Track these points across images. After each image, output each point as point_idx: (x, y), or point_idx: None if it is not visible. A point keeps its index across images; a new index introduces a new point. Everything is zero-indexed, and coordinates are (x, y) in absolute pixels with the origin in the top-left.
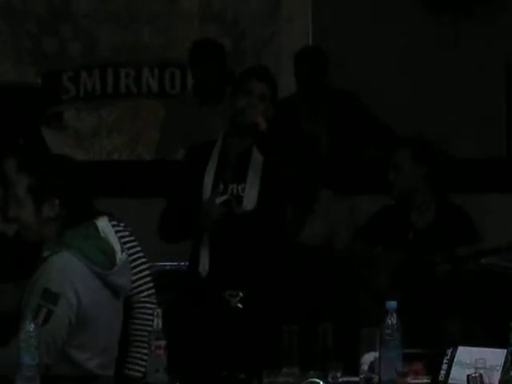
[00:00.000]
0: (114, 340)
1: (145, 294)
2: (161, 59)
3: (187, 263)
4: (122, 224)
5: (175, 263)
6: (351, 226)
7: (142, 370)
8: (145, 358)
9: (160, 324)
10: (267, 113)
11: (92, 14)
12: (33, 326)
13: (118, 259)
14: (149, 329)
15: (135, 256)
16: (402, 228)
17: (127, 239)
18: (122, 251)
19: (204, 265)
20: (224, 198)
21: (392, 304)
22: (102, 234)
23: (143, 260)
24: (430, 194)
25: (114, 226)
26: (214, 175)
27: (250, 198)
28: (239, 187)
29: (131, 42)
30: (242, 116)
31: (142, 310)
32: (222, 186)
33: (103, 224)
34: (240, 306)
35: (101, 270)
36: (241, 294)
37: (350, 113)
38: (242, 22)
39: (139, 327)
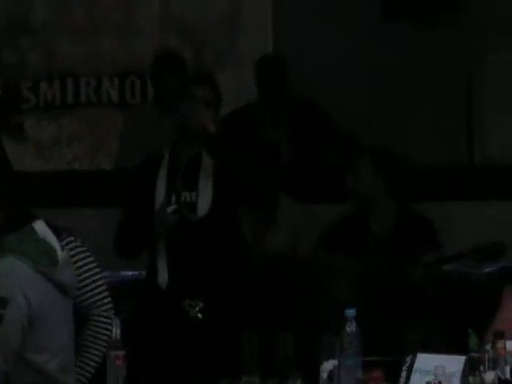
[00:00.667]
0: (69, 340)
1: (102, 308)
2: (121, 69)
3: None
4: (79, 239)
5: (136, 272)
6: (313, 234)
7: (87, 377)
8: (90, 370)
9: (118, 334)
10: (213, 118)
11: (52, 25)
12: None
13: (59, 257)
14: (100, 342)
15: (92, 272)
16: (362, 236)
17: (83, 255)
18: (62, 249)
19: (163, 276)
20: (174, 207)
21: (351, 312)
22: (40, 235)
23: (99, 276)
24: (390, 202)
25: (71, 242)
26: (165, 185)
27: (204, 204)
28: (192, 195)
29: (91, 52)
30: (189, 122)
31: (96, 323)
32: (174, 197)
33: (40, 226)
34: (200, 316)
35: (46, 270)
36: (200, 304)
37: (311, 120)
38: (201, 31)
39: (91, 338)
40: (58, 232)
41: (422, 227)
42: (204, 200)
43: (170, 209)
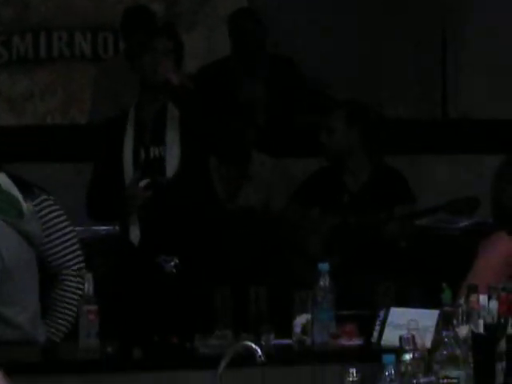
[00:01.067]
0: (36, 294)
1: (74, 267)
2: (93, 23)
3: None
4: (51, 197)
5: (110, 227)
6: (286, 190)
7: (60, 335)
8: (61, 328)
9: (91, 289)
10: (174, 67)
11: None
12: None
13: (24, 208)
14: (72, 301)
15: (65, 230)
16: (336, 190)
17: (56, 213)
18: (25, 201)
19: (135, 234)
20: (147, 181)
21: (324, 266)
22: (4, 188)
23: (72, 235)
24: (364, 156)
25: (44, 200)
26: (133, 140)
27: (173, 157)
28: (160, 149)
29: (64, 6)
30: (150, 73)
31: (67, 282)
32: (142, 152)
33: (2, 178)
34: (174, 271)
35: (14, 221)
36: (176, 260)
37: (285, 76)
38: None
39: (58, 297)
40: (28, 187)
41: (396, 181)
42: (172, 153)
43: (143, 183)
